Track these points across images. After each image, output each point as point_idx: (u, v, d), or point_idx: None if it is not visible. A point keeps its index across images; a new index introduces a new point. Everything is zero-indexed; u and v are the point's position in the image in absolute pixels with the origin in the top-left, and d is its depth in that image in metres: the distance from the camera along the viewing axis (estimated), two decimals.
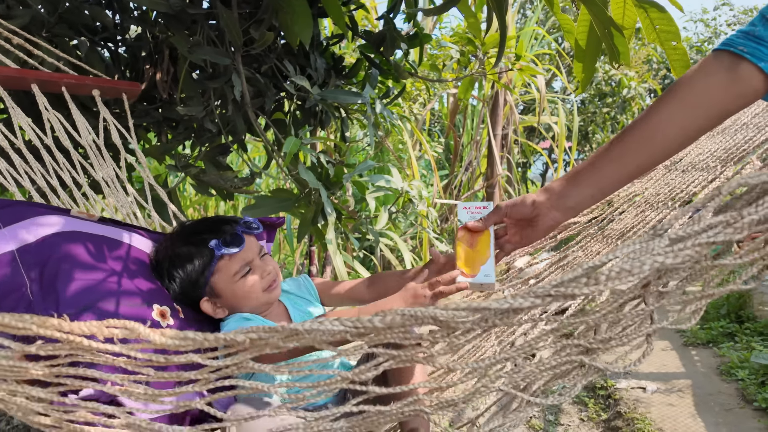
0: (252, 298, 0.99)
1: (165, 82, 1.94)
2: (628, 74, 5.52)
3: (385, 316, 0.49)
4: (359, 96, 1.74)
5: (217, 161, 1.87)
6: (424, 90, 3.25)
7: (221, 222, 1.01)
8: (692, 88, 0.73)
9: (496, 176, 3.82)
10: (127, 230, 1.02)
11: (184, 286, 0.98)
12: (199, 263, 0.97)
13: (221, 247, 0.96)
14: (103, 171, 1.29)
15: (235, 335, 0.49)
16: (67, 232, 0.89)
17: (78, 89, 1.39)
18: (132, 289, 0.89)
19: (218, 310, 1.00)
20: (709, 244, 0.49)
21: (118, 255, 0.94)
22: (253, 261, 1.00)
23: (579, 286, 0.50)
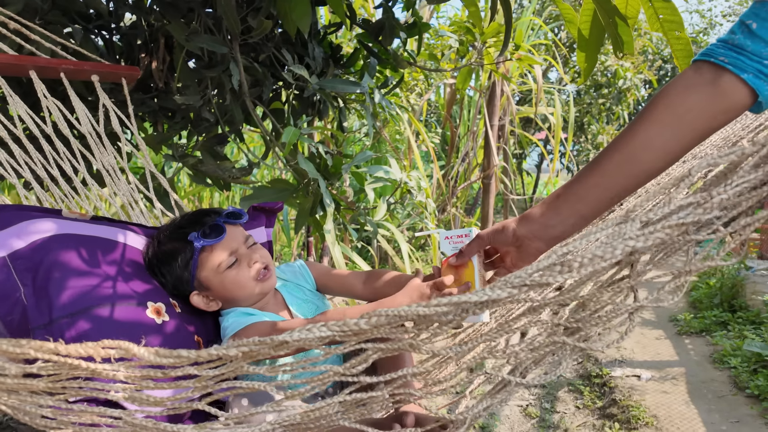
0: (243, 288, 0.98)
1: (161, 71, 1.92)
2: (624, 65, 5.52)
3: (370, 318, 0.51)
4: (358, 85, 1.73)
5: (214, 151, 1.86)
6: (422, 80, 3.24)
7: (202, 214, 1.01)
8: (673, 107, 0.68)
9: (492, 167, 3.83)
10: (121, 228, 1.01)
11: (173, 282, 0.98)
12: (181, 258, 0.96)
13: (200, 239, 0.95)
14: (103, 159, 1.28)
15: (228, 350, 0.50)
16: (59, 236, 0.89)
17: (76, 74, 1.37)
18: (126, 289, 0.89)
19: (211, 303, 0.99)
20: (679, 225, 0.50)
21: (112, 256, 0.93)
22: (237, 250, 0.98)
23: (553, 274, 0.50)
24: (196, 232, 0.95)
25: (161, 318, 0.90)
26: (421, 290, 0.86)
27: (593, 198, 0.73)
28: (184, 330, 0.93)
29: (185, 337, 0.93)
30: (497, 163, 3.82)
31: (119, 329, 0.83)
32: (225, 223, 0.98)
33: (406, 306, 0.50)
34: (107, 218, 1.03)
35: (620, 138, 0.72)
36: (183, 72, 1.78)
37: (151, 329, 0.87)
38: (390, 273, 1.04)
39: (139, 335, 0.84)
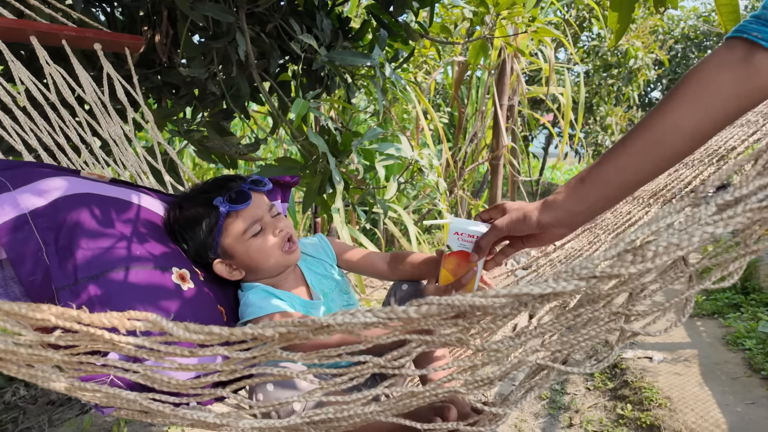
0: (269, 257, 0.94)
1: (164, 44, 1.86)
2: (635, 44, 5.40)
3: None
4: (368, 57, 1.67)
5: (220, 126, 1.81)
6: (431, 57, 3.16)
7: (227, 180, 0.97)
8: (704, 86, 0.65)
9: (501, 148, 3.76)
10: (139, 192, 0.97)
11: (196, 248, 0.94)
12: (206, 224, 0.92)
13: (226, 204, 0.91)
14: (110, 129, 1.23)
15: (264, 329, 0.46)
16: (80, 195, 0.84)
17: (79, 42, 1.32)
18: (150, 252, 0.85)
19: (234, 272, 0.96)
20: (760, 209, 0.45)
21: (133, 218, 0.89)
22: (263, 218, 0.95)
23: (624, 264, 0.46)
24: (221, 197, 0.92)
25: (186, 284, 0.87)
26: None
27: (620, 181, 0.71)
28: (208, 298, 0.90)
29: (209, 306, 0.89)
30: (506, 144, 3.75)
31: (145, 292, 0.80)
32: (250, 189, 0.95)
33: (461, 295, 0.45)
34: (126, 182, 0.99)
35: (649, 119, 0.69)
36: (187, 44, 1.72)
37: (176, 295, 0.84)
38: (415, 254, 1.01)
39: (165, 300, 0.81)
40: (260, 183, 0.97)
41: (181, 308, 0.81)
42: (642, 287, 0.61)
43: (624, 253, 0.46)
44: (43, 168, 0.87)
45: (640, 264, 0.46)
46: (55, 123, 1.09)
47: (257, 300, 0.92)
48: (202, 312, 0.86)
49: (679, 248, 0.45)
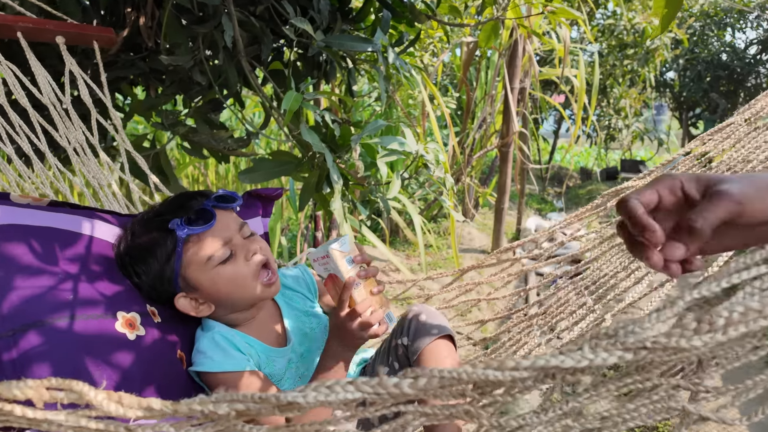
0: (242, 288, 0.81)
1: (150, 28, 1.70)
2: (654, 23, 5.13)
3: (417, 379, 0.36)
4: (369, 42, 1.51)
5: (208, 119, 1.66)
6: (437, 38, 2.97)
7: (185, 198, 0.83)
8: None
9: (512, 134, 3.58)
10: (87, 217, 0.83)
11: (151, 282, 0.80)
12: (161, 252, 0.78)
13: (183, 226, 0.77)
14: (70, 135, 1.09)
15: (216, 406, 0.38)
16: (3, 227, 0.71)
17: (37, 35, 1.17)
18: (91, 296, 0.72)
19: (201, 307, 0.82)
20: None
21: (74, 251, 0.76)
22: (231, 240, 0.81)
23: (686, 334, 0.35)
24: (178, 218, 0.78)
25: (134, 332, 0.73)
26: (349, 330, 0.77)
27: None
28: (164, 344, 0.77)
29: (165, 354, 0.77)
30: (517, 129, 3.58)
31: (81, 349, 0.66)
32: (214, 207, 0.81)
33: (469, 368, 0.36)
34: (70, 204, 0.85)
35: None
36: (171, 28, 1.56)
37: (123, 346, 0.71)
38: None
39: (108, 355, 0.68)
40: (227, 199, 0.83)
41: (128, 362, 0.69)
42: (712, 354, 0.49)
43: (685, 318, 0.35)
44: None
45: (707, 335, 0.35)
46: (1, 129, 0.95)
47: (210, 350, 0.80)
48: (156, 363, 0.74)
49: (762, 316, 0.34)
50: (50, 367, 0.61)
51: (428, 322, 0.86)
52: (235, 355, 0.80)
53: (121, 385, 0.67)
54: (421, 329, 0.85)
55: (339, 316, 0.77)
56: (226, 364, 0.78)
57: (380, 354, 0.93)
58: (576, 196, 7.07)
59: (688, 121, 8.68)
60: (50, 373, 0.61)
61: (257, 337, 0.85)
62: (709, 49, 7.36)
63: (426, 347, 0.83)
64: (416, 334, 0.85)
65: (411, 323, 0.87)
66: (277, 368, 0.85)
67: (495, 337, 1.10)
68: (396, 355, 0.89)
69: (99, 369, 0.65)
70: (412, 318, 0.88)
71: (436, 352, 0.83)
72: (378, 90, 1.71)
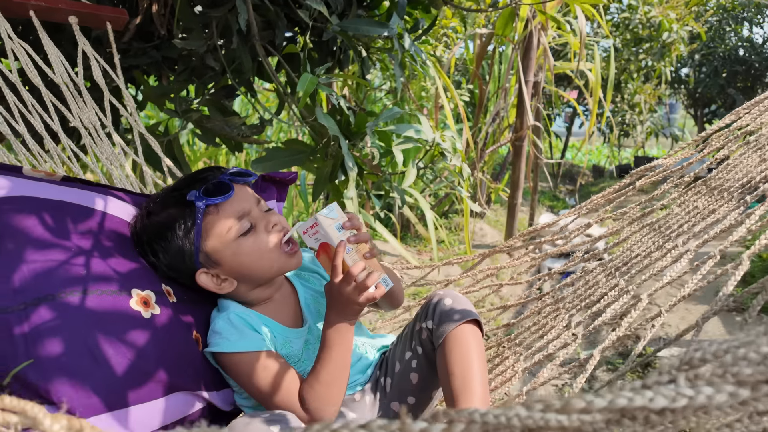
0: (265, 259, 0.79)
1: (162, 15, 1.68)
2: (670, 15, 5.03)
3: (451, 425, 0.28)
4: (385, 27, 1.47)
5: (221, 105, 1.64)
6: (451, 29, 2.93)
7: (202, 171, 0.81)
8: None
9: (525, 128, 3.53)
10: (100, 193, 0.80)
11: (171, 260, 0.78)
12: (181, 226, 0.76)
13: (202, 197, 0.75)
14: (84, 116, 1.07)
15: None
16: (16, 198, 0.68)
17: (50, 14, 1.15)
18: (104, 271, 0.70)
19: (224, 284, 0.80)
20: None
21: (87, 227, 0.73)
22: (251, 212, 0.79)
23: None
24: (196, 190, 0.76)
25: (149, 310, 0.71)
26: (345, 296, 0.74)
27: None
28: (180, 325, 0.74)
29: (180, 334, 0.74)
30: (531, 124, 3.52)
31: (94, 325, 0.64)
32: (231, 180, 0.79)
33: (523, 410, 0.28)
34: (82, 180, 0.82)
35: None
36: (184, 13, 1.54)
37: (137, 324, 0.68)
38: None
39: (121, 332, 0.65)
40: (242, 174, 0.82)
41: (143, 340, 0.66)
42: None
43: None
44: None
45: None
46: (14, 107, 0.93)
47: (225, 330, 0.77)
48: (171, 342, 0.71)
49: None
50: (62, 342, 0.59)
51: (454, 306, 0.83)
52: (251, 335, 0.77)
53: (135, 364, 0.64)
54: (446, 313, 0.83)
55: (334, 283, 0.74)
56: (242, 344, 0.76)
57: (402, 339, 0.90)
58: (588, 194, 6.99)
59: (704, 118, 8.54)
60: (62, 348, 0.59)
61: (274, 318, 0.83)
62: (726, 44, 7.22)
63: (451, 332, 0.80)
64: (441, 318, 0.82)
65: (436, 307, 0.84)
66: (294, 349, 0.83)
67: (518, 322, 1.06)
68: (420, 340, 0.86)
69: (112, 346, 0.63)
70: (437, 302, 0.85)
71: (461, 337, 0.80)
72: (391, 81, 1.68)
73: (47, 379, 0.57)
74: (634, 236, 0.97)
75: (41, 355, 0.58)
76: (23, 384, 0.57)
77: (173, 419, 0.68)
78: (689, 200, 0.92)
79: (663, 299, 3.14)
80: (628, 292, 0.81)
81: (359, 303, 0.74)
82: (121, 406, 0.62)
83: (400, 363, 0.88)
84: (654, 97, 6.30)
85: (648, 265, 0.83)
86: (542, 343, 0.88)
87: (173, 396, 0.68)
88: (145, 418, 0.64)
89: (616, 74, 5.85)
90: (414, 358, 0.87)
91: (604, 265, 0.96)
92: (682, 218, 0.89)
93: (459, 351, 0.78)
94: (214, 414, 0.77)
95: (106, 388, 0.61)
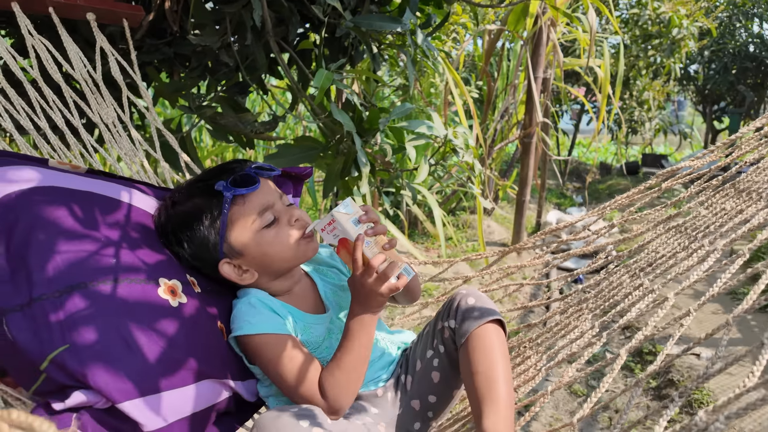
0: (286, 250, 0.80)
1: (175, 12, 1.69)
2: (680, 11, 4.99)
3: None
4: (398, 22, 1.47)
5: (234, 102, 1.64)
6: (461, 25, 2.92)
7: (228, 163, 0.82)
8: None
9: (534, 125, 3.51)
10: (124, 186, 0.81)
11: (196, 249, 0.78)
12: (207, 216, 0.77)
13: (230, 188, 0.76)
14: (102, 112, 1.08)
15: None
16: (44, 188, 0.69)
17: (68, 11, 1.16)
18: (132, 261, 0.70)
19: (245, 275, 0.81)
20: None
21: (114, 217, 0.74)
22: (275, 206, 0.80)
23: None
24: (223, 181, 0.77)
25: (177, 299, 0.72)
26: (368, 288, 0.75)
27: None
28: (206, 314, 0.75)
29: (206, 324, 0.75)
30: (540, 120, 3.51)
31: (125, 313, 0.65)
32: (257, 174, 0.80)
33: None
34: (106, 172, 0.83)
35: None
36: (198, 9, 1.55)
37: (166, 312, 0.69)
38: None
39: (151, 320, 0.66)
40: (265, 167, 0.83)
41: (172, 328, 0.67)
42: None
43: None
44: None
45: None
46: (36, 103, 0.94)
47: (247, 314, 0.78)
48: (198, 331, 0.72)
49: None
50: (95, 329, 0.60)
51: (477, 305, 0.83)
52: (272, 318, 0.78)
53: (166, 351, 0.65)
54: (469, 312, 0.83)
55: (356, 276, 0.75)
56: (263, 326, 0.76)
57: (423, 337, 0.90)
58: (596, 191, 6.95)
59: (713, 115, 8.46)
60: (96, 335, 0.60)
61: (294, 305, 0.84)
62: (736, 40, 7.15)
63: (474, 331, 0.80)
64: (464, 316, 0.83)
65: (459, 306, 0.84)
66: (315, 335, 0.84)
67: (541, 321, 1.06)
68: (442, 338, 0.86)
69: (144, 333, 0.64)
70: (460, 300, 0.85)
71: (485, 336, 0.80)
72: (401, 77, 1.68)
73: (83, 365, 0.59)
74: (659, 238, 0.97)
75: (76, 341, 0.59)
76: (61, 368, 0.58)
77: (202, 407, 0.69)
78: (716, 203, 0.91)
79: (687, 299, 3.12)
80: (653, 291, 0.81)
81: (382, 294, 0.74)
82: (154, 392, 0.63)
83: (422, 361, 0.88)
84: (663, 94, 6.25)
85: (673, 265, 0.82)
86: (565, 342, 0.87)
87: (202, 383, 0.69)
88: (176, 404, 0.65)
89: (625, 71, 5.81)
90: (435, 357, 0.87)
91: (628, 266, 0.96)
92: (709, 219, 0.88)
93: (482, 350, 0.78)
94: (239, 404, 0.78)
95: (139, 373, 0.62)
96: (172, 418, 0.64)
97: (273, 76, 1.85)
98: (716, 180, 0.99)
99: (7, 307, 0.59)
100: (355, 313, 0.77)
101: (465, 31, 3.30)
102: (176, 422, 0.65)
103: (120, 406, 0.59)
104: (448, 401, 0.89)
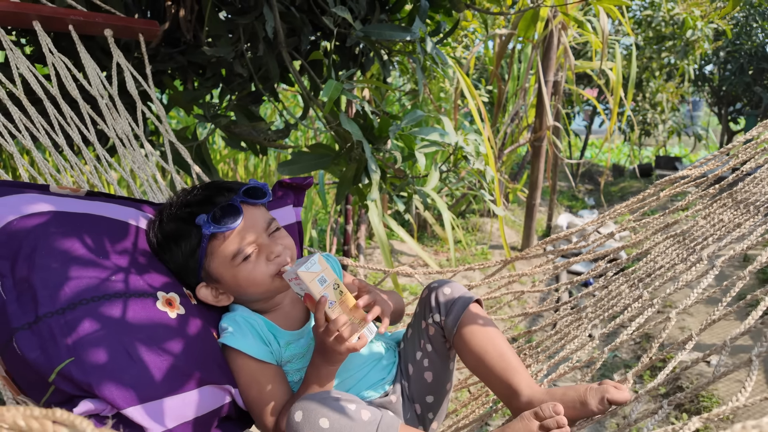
0: (259, 285, 0.81)
1: (189, 21, 1.72)
2: (695, 13, 4.93)
3: None
4: (408, 31, 1.49)
5: (248, 111, 1.67)
6: (471, 30, 2.92)
7: (215, 190, 0.82)
8: None
9: (545, 128, 3.50)
10: (123, 205, 0.86)
11: (177, 269, 0.82)
12: (186, 245, 0.79)
13: (209, 224, 0.77)
14: (117, 126, 1.11)
15: None
16: (44, 213, 0.74)
17: (87, 28, 1.19)
18: (131, 277, 0.75)
19: (221, 297, 0.83)
20: None
21: (112, 236, 0.78)
22: (257, 239, 0.80)
23: None
24: (205, 214, 0.77)
25: (175, 311, 0.75)
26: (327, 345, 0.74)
27: None
28: (203, 324, 0.79)
29: (202, 332, 0.79)
30: (550, 124, 3.50)
31: (127, 326, 0.68)
32: (243, 203, 0.80)
33: None
34: (105, 194, 0.87)
35: None
36: (212, 20, 1.58)
37: (164, 324, 0.72)
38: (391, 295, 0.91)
39: (151, 332, 0.69)
40: (257, 194, 0.82)
41: (170, 339, 0.70)
42: None
43: None
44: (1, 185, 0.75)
45: None
46: (54, 120, 0.97)
47: (232, 326, 0.82)
48: (197, 340, 0.76)
49: None
50: (99, 342, 0.65)
51: (454, 294, 0.86)
52: (253, 341, 0.81)
53: (166, 360, 0.69)
54: (451, 302, 0.85)
55: (317, 332, 0.76)
56: (243, 344, 0.79)
57: (409, 340, 0.92)
58: (608, 194, 6.89)
59: (728, 117, 8.34)
60: (100, 347, 0.64)
61: (278, 323, 0.86)
62: (753, 40, 7.04)
63: (464, 317, 0.83)
64: (448, 307, 0.85)
65: (438, 299, 0.86)
66: (297, 348, 0.85)
67: (540, 328, 1.07)
68: (428, 336, 0.88)
69: (144, 344, 0.68)
70: (437, 294, 0.87)
71: (475, 318, 0.83)
72: (411, 83, 1.69)
73: (88, 375, 0.62)
74: (657, 247, 0.97)
75: (81, 353, 0.63)
76: (68, 379, 0.62)
77: (204, 412, 0.72)
78: (714, 212, 0.92)
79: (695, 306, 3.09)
80: (653, 305, 0.81)
81: (340, 352, 0.75)
82: (156, 398, 0.66)
83: (413, 365, 0.90)
84: (676, 95, 6.18)
85: (672, 278, 0.83)
86: (565, 353, 0.89)
87: (203, 389, 0.72)
88: (177, 409, 0.68)
89: (638, 72, 5.75)
90: (425, 357, 0.88)
91: (627, 275, 0.97)
92: (707, 230, 0.89)
93: (479, 331, 0.81)
94: (240, 410, 0.81)
95: (141, 381, 0.66)
96: (175, 423, 0.67)
97: (285, 84, 1.88)
98: (713, 189, 0.99)
99: (16, 327, 0.63)
100: (314, 364, 0.79)
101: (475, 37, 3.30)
102: (179, 426, 0.68)
103: (124, 411, 0.63)
104: (443, 397, 0.91)
